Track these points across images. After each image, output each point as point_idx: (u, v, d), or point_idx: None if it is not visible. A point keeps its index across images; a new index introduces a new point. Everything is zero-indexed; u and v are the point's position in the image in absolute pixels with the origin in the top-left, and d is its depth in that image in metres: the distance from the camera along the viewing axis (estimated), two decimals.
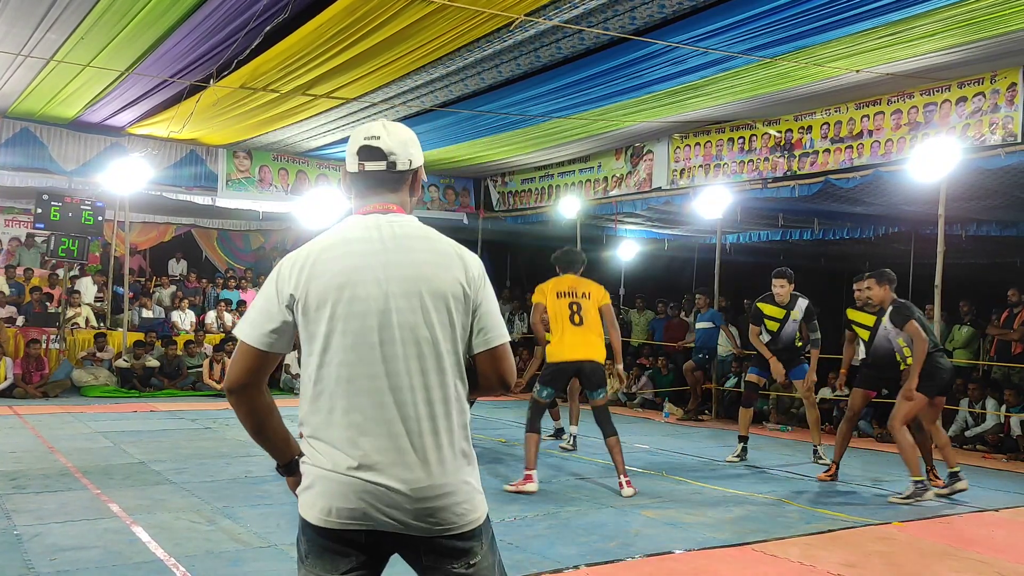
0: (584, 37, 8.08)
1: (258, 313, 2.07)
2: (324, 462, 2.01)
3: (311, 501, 2.02)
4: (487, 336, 2.13)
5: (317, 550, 2.02)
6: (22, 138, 12.37)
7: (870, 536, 5.69)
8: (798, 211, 12.75)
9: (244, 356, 2.06)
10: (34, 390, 11.77)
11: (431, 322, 2.04)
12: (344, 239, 2.09)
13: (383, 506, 1.98)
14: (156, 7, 7.64)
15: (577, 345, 6.79)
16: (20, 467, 6.94)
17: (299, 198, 14.35)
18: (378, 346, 2.01)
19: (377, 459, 1.98)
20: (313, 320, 2.03)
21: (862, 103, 9.85)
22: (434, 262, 2.09)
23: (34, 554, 4.60)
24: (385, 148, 2.14)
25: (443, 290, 2.07)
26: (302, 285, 2.03)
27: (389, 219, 2.13)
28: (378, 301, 2.02)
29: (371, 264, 2.05)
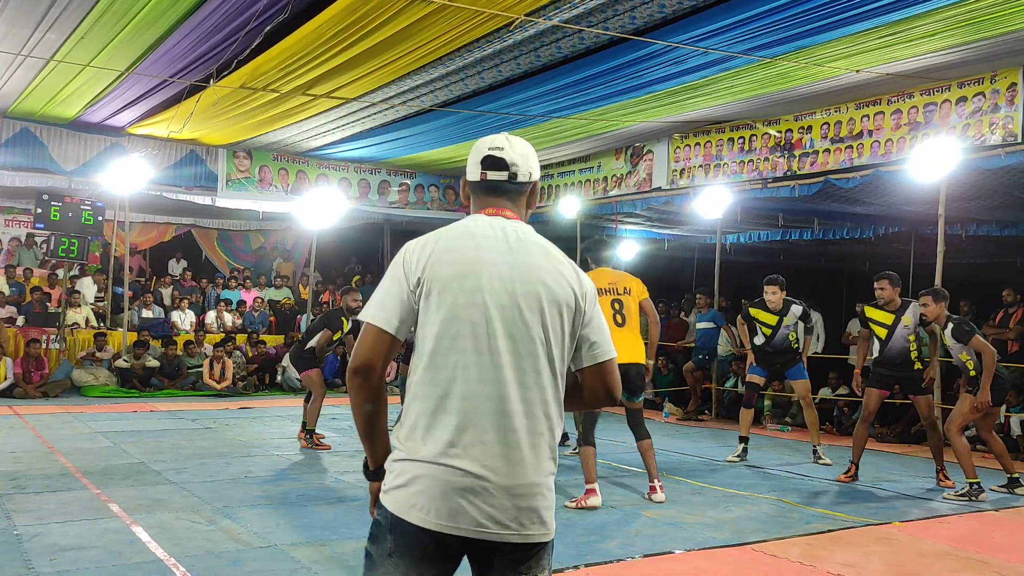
0: (584, 37, 8.08)
1: (386, 295, 2.08)
2: (425, 455, 1.99)
3: (409, 499, 1.99)
4: (596, 351, 2.16)
5: (404, 549, 1.99)
6: (22, 138, 12.38)
7: (870, 536, 5.69)
8: (798, 211, 12.75)
9: (372, 337, 2.05)
10: (34, 390, 11.77)
11: (546, 327, 2.07)
12: (470, 232, 2.13)
13: (484, 505, 1.97)
14: (156, 7, 7.64)
15: (622, 348, 6.38)
16: (20, 467, 6.94)
17: (299, 198, 14.36)
18: (496, 339, 2.02)
19: (483, 453, 1.98)
20: (434, 306, 2.04)
21: (862, 103, 9.85)
22: (554, 270, 2.13)
23: (34, 554, 4.60)
24: (508, 159, 2.19)
25: (560, 299, 2.10)
26: (428, 269, 2.06)
27: (514, 224, 2.17)
28: (499, 297, 2.05)
29: (495, 261, 2.08)
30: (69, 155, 12.71)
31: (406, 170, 15.57)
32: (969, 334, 6.92)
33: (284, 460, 7.86)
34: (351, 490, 6.64)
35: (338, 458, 8.02)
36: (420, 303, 2.06)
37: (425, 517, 1.97)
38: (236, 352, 13.59)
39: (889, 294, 7.54)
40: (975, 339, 6.90)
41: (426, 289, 2.05)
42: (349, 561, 4.71)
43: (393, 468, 2.05)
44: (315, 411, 8.56)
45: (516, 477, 2.00)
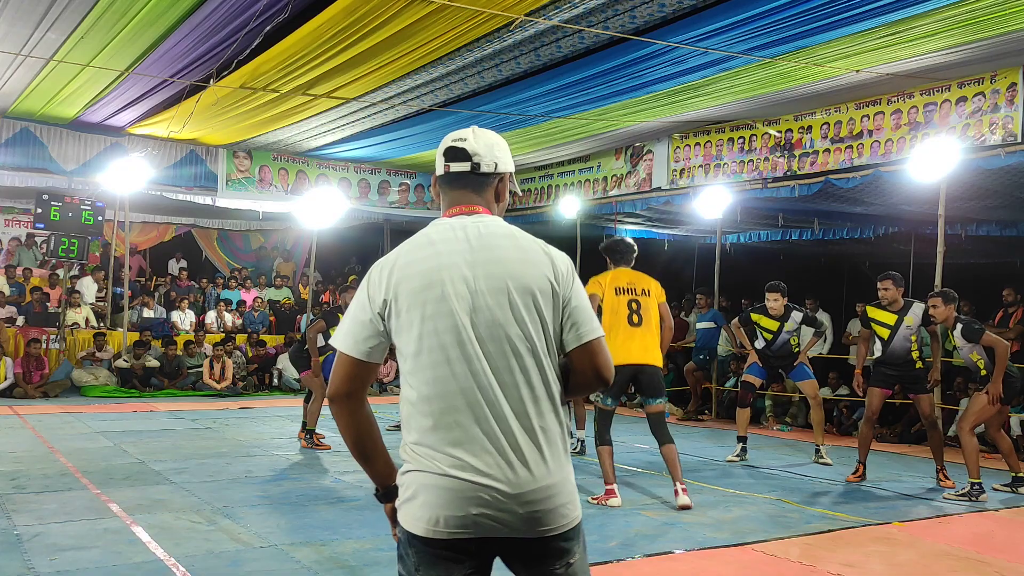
0: (584, 37, 8.08)
1: (352, 322, 2.08)
2: (428, 467, 1.99)
3: (416, 512, 1.99)
4: (580, 331, 2.10)
5: (429, 561, 1.99)
6: (22, 138, 12.37)
7: (870, 536, 5.70)
8: (798, 211, 12.75)
9: (343, 365, 2.07)
10: (34, 390, 11.77)
11: (522, 319, 2.03)
12: (429, 241, 2.10)
13: (490, 510, 1.96)
14: (156, 7, 7.64)
15: (635, 348, 6.33)
16: (20, 467, 6.94)
17: (299, 198, 14.35)
18: (471, 345, 2.00)
19: (481, 462, 1.97)
20: (405, 324, 2.03)
21: (862, 103, 9.85)
22: (520, 259, 2.08)
23: (34, 554, 4.60)
24: (470, 149, 2.17)
25: (531, 287, 2.05)
26: (391, 289, 2.04)
27: (474, 220, 2.14)
28: (467, 300, 2.02)
29: (457, 263, 2.05)
30: (69, 155, 12.71)
31: (406, 170, 15.57)
32: (979, 332, 6.95)
33: (284, 460, 7.86)
34: (351, 490, 6.64)
35: (338, 458, 8.01)
36: (391, 323, 2.05)
37: (434, 528, 1.97)
38: (236, 352, 13.60)
39: (892, 294, 7.57)
40: (986, 335, 6.93)
41: (395, 309, 2.04)
42: (349, 561, 4.71)
43: (403, 482, 2.06)
44: (315, 411, 8.56)
45: (524, 484, 1.98)
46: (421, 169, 15.54)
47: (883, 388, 7.74)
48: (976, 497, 6.81)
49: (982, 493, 6.84)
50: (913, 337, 7.55)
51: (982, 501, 6.77)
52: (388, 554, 4.86)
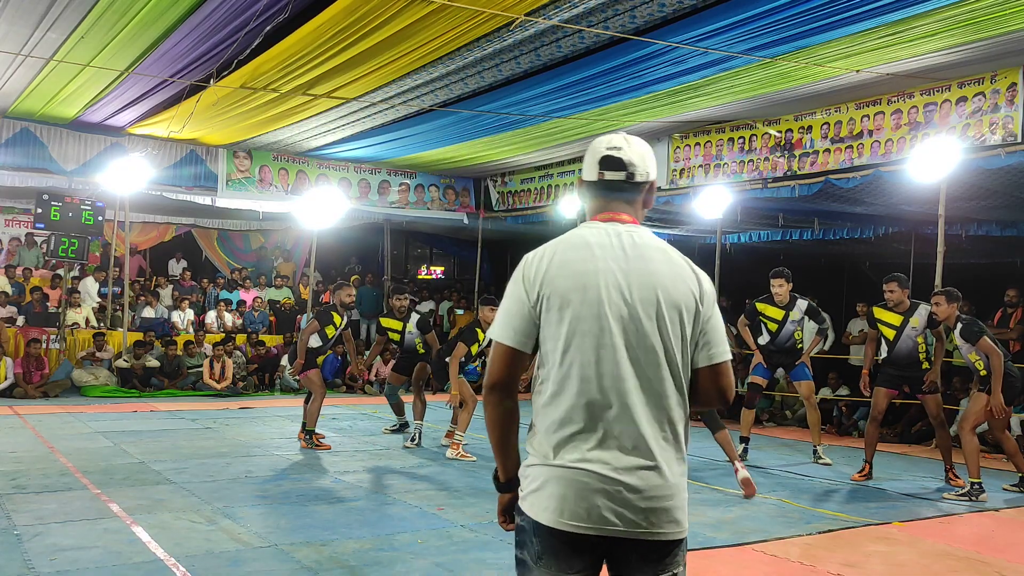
0: (584, 36, 8.08)
1: (508, 314, 2.15)
2: (560, 460, 2.06)
3: (544, 503, 2.06)
4: (712, 351, 2.16)
5: (552, 550, 2.06)
6: (22, 138, 12.37)
7: (870, 536, 5.70)
8: (798, 211, 12.74)
9: (501, 356, 2.13)
10: (34, 390, 11.77)
11: (666, 332, 2.10)
12: (586, 243, 2.15)
13: (615, 505, 2.02)
14: (156, 6, 7.64)
15: None
16: (20, 467, 6.94)
17: (299, 198, 14.35)
18: (617, 350, 2.06)
19: (612, 459, 2.04)
20: (555, 319, 2.09)
21: (862, 103, 9.85)
22: (671, 274, 2.14)
23: (34, 554, 4.61)
24: (626, 159, 2.20)
25: (678, 302, 2.12)
26: (547, 284, 2.11)
27: (627, 229, 2.19)
28: (618, 307, 2.08)
29: (612, 270, 2.11)
30: (69, 155, 12.71)
31: (406, 170, 15.57)
32: (978, 335, 6.94)
33: (284, 460, 7.85)
34: (351, 490, 6.64)
35: (338, 458, 8.02)
36: (541, 317, 2.12)
37: (559, 519, 2.03)
38: (236, 352, 13.59)
39: (898, 296, 7.61)
40: (983, 341, 6.92)
41: (547, 304, 2.10)
42: (349, 561, 4.71)
43: (528, 474, 2.13)
44: (315, 411, 8.55)
45: (646, 479, 2.05)
46: (421, 169, 15.54)
47: (889, 388, 7.78)
48: (976, 497, 6.83)
49: (982, 493, 6.85)
50: (920, 338, 7.58)
51: (982, 501, 6.78)
52: (388, 554, 4.87)
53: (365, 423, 10.41)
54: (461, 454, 8.18)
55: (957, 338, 7.10)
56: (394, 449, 8.66)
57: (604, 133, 2.27)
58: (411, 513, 5.91)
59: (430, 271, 21.94)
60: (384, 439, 9.27)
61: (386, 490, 6.68)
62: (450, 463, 7.93)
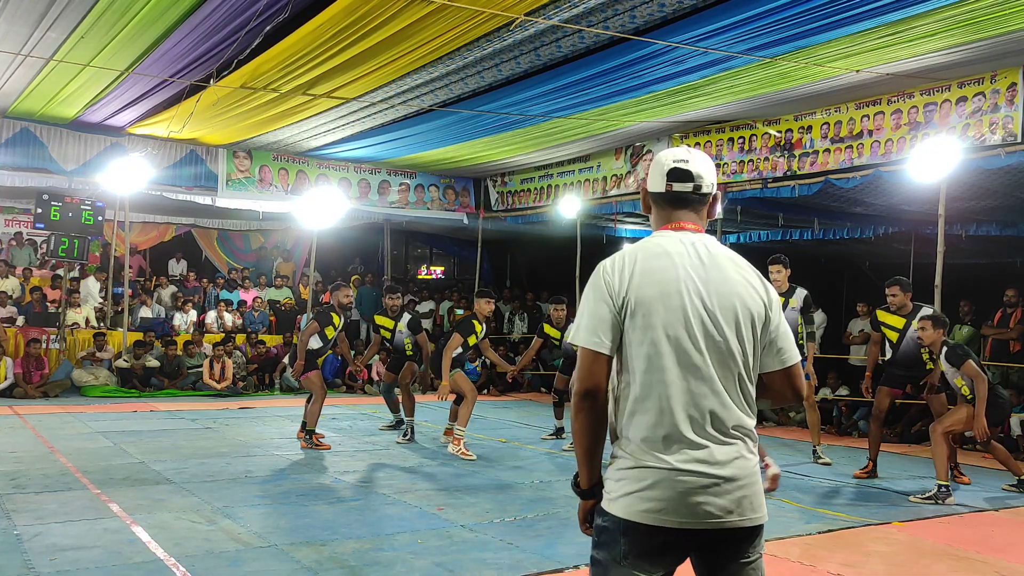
0: (584, 36, 8.08)
1: (594, 319, 2.20)
2: (655, 462, 2.14)
3: (639, 504, 2.13)
4: (784, 356, 2.30)
5: (640, 550, 2.14)
6: (22, 138, 12.38)
7: (870, 536, 5.70)
8: (798, 211, 12.74)
9: (592, 361, 2.19)
10: (34, 390, 11.77)
11: (742, 337, 2.22)
12: (665, 252, 2.24)
13: (713, 498, 2.13)
14: (156, 6, 7.64)
15: None
16: (20, 467, 6.94)
17: (299, 198, 14.35)
18: (700, 354, 2.17)
19: (706, 454, 2.14)
20: (641, 325, 2.18)
21: (862, 103, 9.85)
22: (745, 282, 2.27)
23: (34, 554, 4.60)
24: (694, 171, 2.31)
25: (752, 309, 2.25)
26: (632, 290, 2.19)
27: (700, 238, 2.29)
28: (700, 314, 2.18)
29: (693, 278, 2.21)
30: (69, 155, 12.71)
31: (406, 170, 15.57)
32: (962, 358, 6.88)
33: (284, 460, 7.86)
34: (350, 490, 6.64)
35: (338, 458, 8.02)
36: (625, 322, 2.20)
37: (663, 517, 2.12)
38: (236, 352, 13.60)
39: (900, 300, 7.64)
40: (967, 365, 6.84)
41: (631, 310, 2.18)
42: (349, 561, 4.71)
43: (620, 476, 2.19)
44: (315, 412, 8.55)
45: (737, 469, 2.16)
46: (421, 169, 15.54)
47: (893, 388, 7.81)
48: (943, 500, 6.69)
49: (949, 496, 6.72)
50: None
51: (949, 504, 6.66)
52: (388, 554, 4.87)
53: (365, 423, 10.41)
54: (462, 451, 8.17)
55: (943, 363, 7.06)
56: (394, 449, 8.67)
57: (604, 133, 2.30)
58: (411, 513, 5.91)
59: (430, 271, 21.95)
60: (383, 439, 9.27)
61: (386, 490, 6.68)
62: (450, 463, 7.92)
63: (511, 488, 6.88)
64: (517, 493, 6.69)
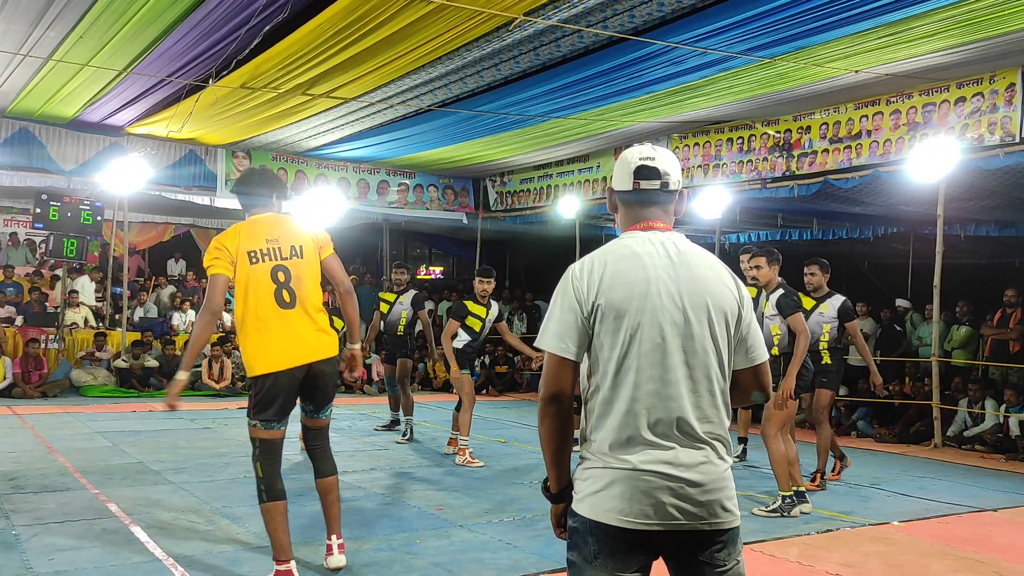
0: (583, 36, 8.08)
1: (562, 324, 2.17)
2: (622, 463, 2.13)
3: (605, 504, 2.12)
4: (754, 353, 2.29)
5: (608, 550, 2.12)
6: (21, 137, 12.37)
7: (869, 536, 5.70)
8: (797, 211, 12.75)
9: (556, 367, 2.17)
10: (33, 390, 11.76)
11: (715, 336, 2.20)
12: (633, 253, 2.22)
13: (678, 500, 2.11)
14: (155, 6, 7.63)
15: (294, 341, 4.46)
16: (19, 467, 6.94)
17: (298, 198, 14.35)
18: (671, 355, 2.14)
19: (672, 456, 2.12)
20: (611, 329, 2.15)
21: (861, 103, 9.86)
22: (715, 279, 2.24)
23: (32, 554, 4.60)
24: (661, 168, 2.28)
25: (724, 306, 2.22)
26: (602, 294, 2.16)
27: (668, 236, 2.27)
28: (672, 314, 2.16)
29: (663, 278, 2.18)
30: (68, 155, 12.71)
31: (405, 170, 15.57)
32: (794, 308, 6.26)
33: (283, 461, 7.83)
34: (349, 491, 6.63)
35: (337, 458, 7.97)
36: (595, 327, 2.16)
37: (625, 518, 2.10)
38: (235, 352, 13.58)
39: (819, 280, 7.37)
40: (797, 317, 6.22)
41: (602, 314, 2.15)
42: (348, 561, 4.70)
43: (587, 476, 2.18)
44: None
45: (702, 474, 2.13)
46: (420, 169, 15.54)
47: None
48: (787, 512, 6.12)
49: (794, 507, 6.15)
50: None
51: (794, 516, 6.09)
52: (386, 554, 4.87)
53: (364, 423, 10.40)
54: (468, 460, 7.88)
55: (769, 305, 6.41)
56: (392, 449, 8.66)
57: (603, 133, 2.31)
58: (409, 513, 5.91)
59: (429, 271, 21.95)
60: (382, 439, 9.27)
61: (384, 490, 6.68)
62: (448, 463, 7.92)
63: (510, 488, 6.88)
64: (516, 493, 6.68)
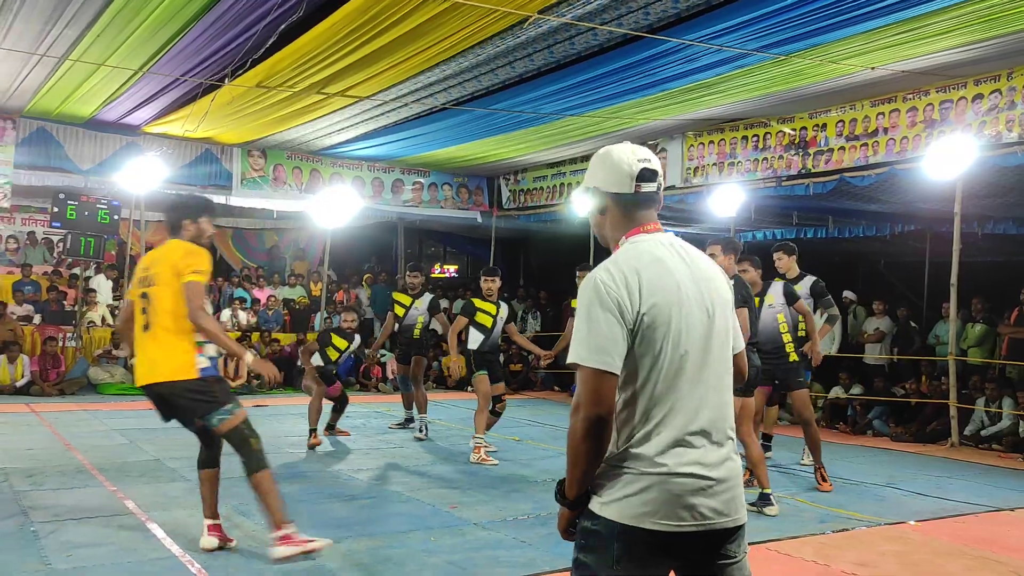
0: (597, 34, 8.07)
1: (599, 336, 2.09)
2: (657, 467, 2.10)
3: (638, 507, 2.09)
4: (736, 341, 2.34)
5: (635, 554, 2.09)
6: (39, 137, 12.48)
7: (884, 535, 5.67)
8: (812, 209, 12.69)
9: (598, 382, 2.07)
10: (51, 388, 11.86)
11: (727, 330, 2.26)
12: (657, 257, 2.20)
13: (708, 500, 2.11)
14: (171, 5, 7.68)
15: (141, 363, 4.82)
16: (37, 464, 7.00)
17: (313, 197, 14.40)
18: (698, 354, 2.17)
19: (703, 455, 2.13)
20: (653, 337, 2.13)
21: (877, 100, 9.80)
22: (718, 276, 2.30)
23: (50, 550, 4.64)
24: (657, 170, 2.29)
25: (727, 300, 2.29)
26: (645, 302, 2.12)
27: (670, 237, 2.28)
28: (700, 316, 2.18)
29: (686, 281, 2.19)
30: (85, 154, 12.80)
31: (420, 168, 15.60)
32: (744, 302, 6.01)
33: (298, 458, 7.89)
34: (364, 488, 6.66)
35: (352, 456, 8.05)
36: (639, 336, 2.12)
37: (660, 521, 2.08)
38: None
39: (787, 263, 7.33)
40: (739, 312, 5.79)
41: (646, 323, 2.11)
42: (362, 559, 4.73)
43: (616, 480, 2.13)
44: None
45: (726, 471, 2.16)
46: (435, 168, 15.56)
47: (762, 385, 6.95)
48: (761, 509, 6.02)
49: (769, 505, 6.04)
50: (781, 317, 6.97)
51: (769, 514, 6.00)
52: (401, 552, 4.89)
53: (378, 421, 10.43)
54: (483, 458, 7.85)
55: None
56: (407, 447, 8.68)
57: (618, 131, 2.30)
58: (424, 511, 5.92)
59: (443, 269, 21.97)
60: (397, 436, 9.29)
61: (399, 487, 6.70)
62: (462, 461, 7.92)
63: (525, 486, 6.89)
64: (531, 491, 6.69)
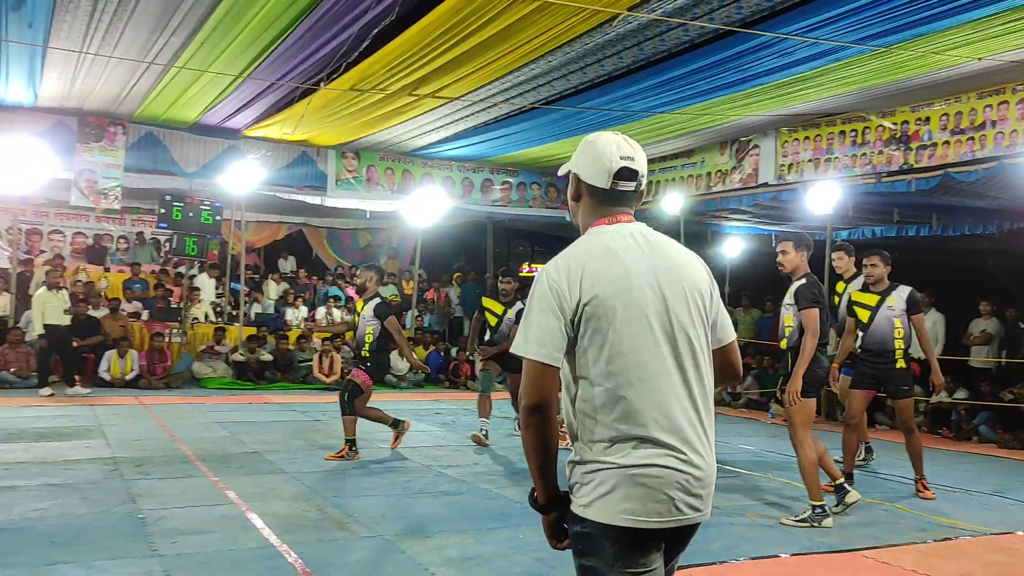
0: (688, 30, 7.96)
1: (543, 330, 2.09)
2: (626, 461, 2.08)
3: (619, 506, 2.07)
4: (722, 334, 2.29)
5: (627, 551, 2.08)
6: (147, 141, 13.05)
7: (990, 546, 5.43)
8: (915, 206, 12.22)
9: (539, 374, 2.08)
10: (157, 381, 12.39)
11: (696, 320, 2.19)
12: (608, 249, 2.19)
13: (684, 495, 2.09)
14: (270, 12, 7.92)
15: None
16: (144, 454, 7.33)
17: (405, 197, 14.64)
18: (659, 346, 2.12)
19: (675, 450, 2.09)
20: (598, 328, 2.10)
21: (985, 92, 9.37)
22: (689, 264, 2.25)
23: (158, 537, 4.86)
24: (640, 171, 2.28)
25: (700, 288, 2.23)
26: (585, 294, 2.10)
27: (636, 227, 2.27)
28: (655, 305, 2.14)
29: (642, 270, 2.16)
30: (190, 157, 13.34)
31: (508, 168, 15.68)
32: (811, 302, 5.75)
33: (388, 452, 8.03)
34: (453, 484, 6.74)
35: (442, 452, 8.15)
36: (580, 328, 2.11)
37: (638, 518, 2.06)
38: (344, 347, 13.97)
39: (880, 271, 6.87)
40: (811, 312, 5.73)
41: (587, 315, 2.09)
42: (451, 554, 4.79)
43: (588, 479, 2.12)
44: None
45: (704, 467, 2.13)
46: (523, 167, 15.62)
47: (865, 389, 6.96)
48: (817, 523, 5.71)
49: (825, 517, 5.73)
50: (897, 322, 6.74)
51: (826, 527, 5.68)
52: (489, 548, 4.93)
53: (468, 418, 10.53)
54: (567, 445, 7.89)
55: (790, 292, 5.95)
56: (497, 444, 8.74)
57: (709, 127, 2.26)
58: (512, 508, 5.96)
59: (532, 268, 22.04)
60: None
61: (488, 484, 6.75)
62: None
63: None
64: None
